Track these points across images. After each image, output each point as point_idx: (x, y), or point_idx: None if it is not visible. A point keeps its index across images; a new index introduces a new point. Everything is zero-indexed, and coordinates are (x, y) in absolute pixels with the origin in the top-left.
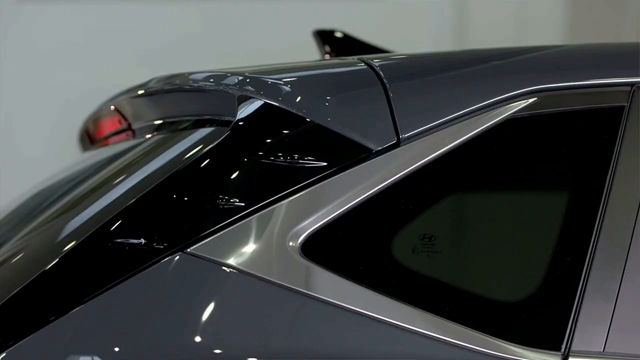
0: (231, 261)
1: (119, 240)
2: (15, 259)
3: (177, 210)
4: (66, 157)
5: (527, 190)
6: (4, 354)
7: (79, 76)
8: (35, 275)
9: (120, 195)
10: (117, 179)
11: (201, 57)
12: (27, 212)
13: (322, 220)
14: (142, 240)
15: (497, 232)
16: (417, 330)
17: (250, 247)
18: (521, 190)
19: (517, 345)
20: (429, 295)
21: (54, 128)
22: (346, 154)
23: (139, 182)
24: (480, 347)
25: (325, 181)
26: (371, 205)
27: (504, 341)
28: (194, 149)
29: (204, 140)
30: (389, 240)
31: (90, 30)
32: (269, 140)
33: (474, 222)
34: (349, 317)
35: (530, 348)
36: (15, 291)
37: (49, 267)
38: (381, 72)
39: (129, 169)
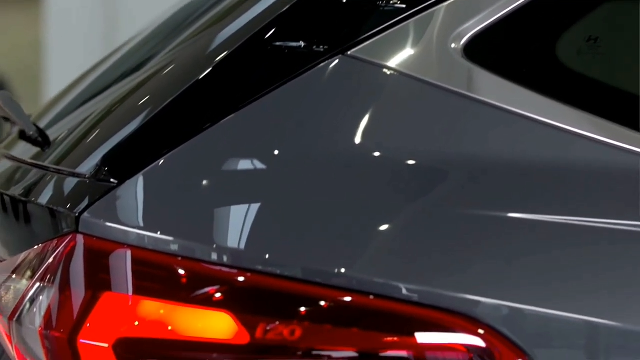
0: (392, 63)
1: (277, 43)
2: (167, 70)
3: (336, 13)
4: None
5: None
6: (162, 160)
7: None
8: (188, 85)
9: None
10: None
11: None
12: (176, 24)
13: (485, 22)
14: (302, 44)
15: None
16: (584, 134)
17: (411, 50)
18: None
19: None
20: (594, 98)
21: None
22: None
23: None
24: None
25: None
26: (536, 6)
27: None
28: None
29: None
30: (553, 42)
31: None
32: None
33: None
34: (513, 120)
35: None
36: (169, 100)
37: (202, 75)
38: None
39: None
